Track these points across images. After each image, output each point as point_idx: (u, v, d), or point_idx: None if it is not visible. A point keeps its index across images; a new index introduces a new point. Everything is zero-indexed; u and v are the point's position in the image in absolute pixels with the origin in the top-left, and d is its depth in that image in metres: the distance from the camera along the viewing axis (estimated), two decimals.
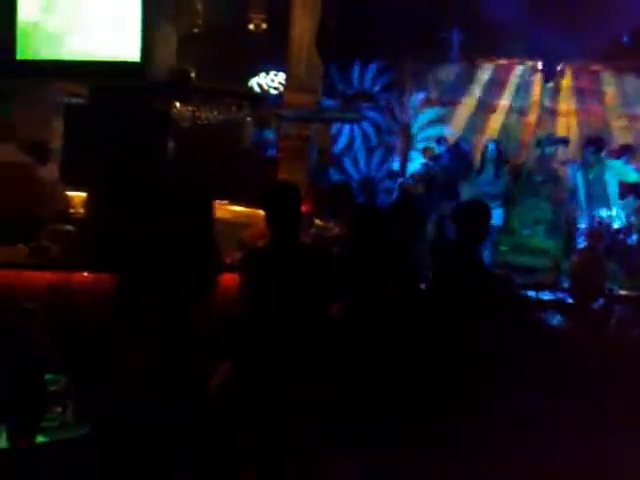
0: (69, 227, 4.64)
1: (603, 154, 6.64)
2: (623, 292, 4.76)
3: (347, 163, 10.25)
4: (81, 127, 5.10)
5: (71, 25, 5.58)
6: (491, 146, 7.39)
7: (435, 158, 9.01)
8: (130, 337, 2.81)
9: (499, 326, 3.31)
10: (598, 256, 4.92)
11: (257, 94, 8.77)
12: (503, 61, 9.88)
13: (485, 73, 10.01)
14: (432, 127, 10.11)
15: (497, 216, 7.23)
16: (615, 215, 6.47)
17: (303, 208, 5.21)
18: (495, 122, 9.95)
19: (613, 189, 6.50)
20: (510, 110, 9.91)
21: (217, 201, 6.04)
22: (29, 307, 2.67)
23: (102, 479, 2.72)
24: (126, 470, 2.71)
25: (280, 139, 7.72)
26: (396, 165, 10.05)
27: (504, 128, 9.88)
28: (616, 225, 6.43)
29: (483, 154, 7.36)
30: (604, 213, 6.51)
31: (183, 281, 2.89)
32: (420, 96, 10.17)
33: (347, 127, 9.89)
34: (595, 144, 6.57)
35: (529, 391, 3.18)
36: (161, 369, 2.80)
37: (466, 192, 7.42)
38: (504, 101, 9.93)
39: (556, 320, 4.03)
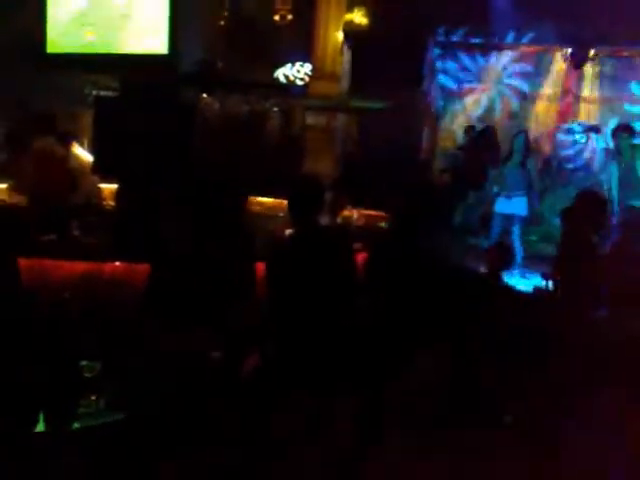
0: (99, 218, 4.71)
1: (636, 140, 6.44)
2: None
3: None
4: (111, 119, 5.16)
5: (101, 19, 5.64)
6: (520, 137, 7.30)
7: (461, 147, 8.95)
8: (164, 327, 2.86)
9: None
10: (631, 247, 4.84)
11: (283, 85, 8.76)
12: (532, 48, 9.73)
13: (514, 60, 9.88)
14: (462, 115, 10.02)
15: (522, 206, 7.13)
16: None
17: (331, 197, 5.25)
18: (525, 110, 9.83)
19: None
20: (540, 98, 9.77)
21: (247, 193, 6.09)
22: (64, 296, 2.71)
23: (134, 465, 2.76)
24: (157, 456, 2.76)
25: (307, 130, 7.72)
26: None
27: (534, 116, 9.74)
28: None
29: (511, 144, 7.27)
30: (637, 203, 6.36)
31: (218, 274, 2.92)
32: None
33: None
34: (626, 130, 6.38)
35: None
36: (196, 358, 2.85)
37: (492, 181, 7.33)
38: (534, 89, 9.79)
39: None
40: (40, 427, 2.31)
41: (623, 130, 6.39)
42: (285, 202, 3.40)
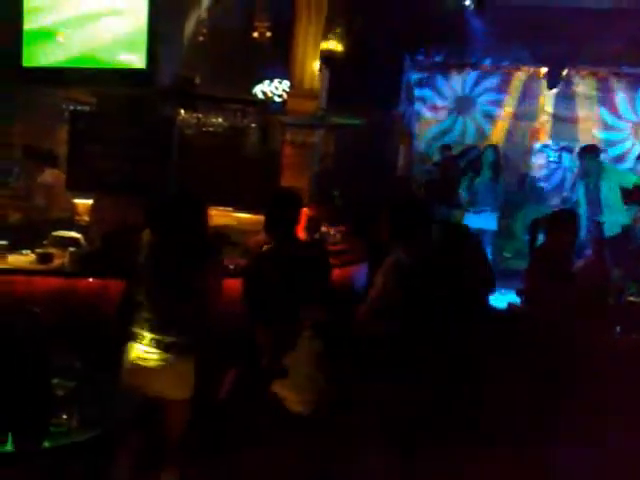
0: (73, 233, 4.65)
1: (601, 159, 6.53)
2: (631, 298, 4.72)
3: None
4: (87, 134, 5.14)
5: (78, 33, 5.62)
6: (489, 150, 7.39)
7: (436, 163, 9.04)
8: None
9: None
10: (603, 262, 4.91)
11: (261, 101, 8.79)
12: (508, 67, 9.89)
13: (490, 80, 10.03)
14: (440, 134, 10.14)
15: (492, 221, 7.18)
16: (617, 221, 6.38)
17: (308, 213, 5.26)
18: (500, 129, 9.96)
19: (615, 195, 6.37)
20: (515, 117, 9.92)
21: (223, 208, 6.08)
22: (36, 311, 2.66)
23: None
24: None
25: (284, 146, 7.73)
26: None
27: (509, 135, 9.88)
28: (617, 230, 6.34)
29: (481, 158, 7.35)
30: (604, 218, 6.45)
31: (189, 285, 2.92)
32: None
33: None
34: (592, 151, 6.46)
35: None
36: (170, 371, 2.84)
37: (463, 196, 7.37)
38: (509, 108, 9.93)
39: None
40: (8, 447, 2.26)
41: (589, 151, 6.47)
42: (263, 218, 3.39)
